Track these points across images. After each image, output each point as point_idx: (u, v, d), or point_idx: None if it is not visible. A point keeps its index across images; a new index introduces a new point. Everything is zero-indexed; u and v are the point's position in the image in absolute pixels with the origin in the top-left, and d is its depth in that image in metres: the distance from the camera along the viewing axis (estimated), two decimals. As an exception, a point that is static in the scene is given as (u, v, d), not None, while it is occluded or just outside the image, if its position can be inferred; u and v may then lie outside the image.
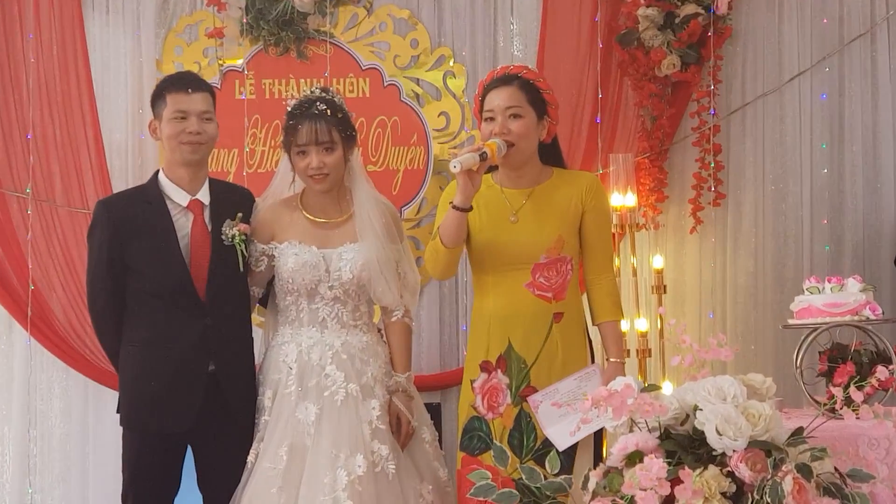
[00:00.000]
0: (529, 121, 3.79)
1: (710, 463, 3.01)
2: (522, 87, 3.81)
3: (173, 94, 3.91)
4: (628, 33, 5.13)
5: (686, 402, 3.12)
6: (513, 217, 3.83)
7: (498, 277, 3.84)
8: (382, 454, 3.79)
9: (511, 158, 3.79)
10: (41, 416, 5.16)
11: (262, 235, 3.98)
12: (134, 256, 3.87)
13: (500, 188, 3.87)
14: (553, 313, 3.81)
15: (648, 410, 3.00)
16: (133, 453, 3.92)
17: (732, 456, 2.98)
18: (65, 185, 5.14)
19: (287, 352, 3.91)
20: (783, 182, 5.24)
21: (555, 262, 3.81)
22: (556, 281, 3.81)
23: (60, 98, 5.14)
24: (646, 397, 3.02)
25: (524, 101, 3.79)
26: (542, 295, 3.81)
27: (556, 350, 3.80)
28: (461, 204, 3.70)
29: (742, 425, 2.99)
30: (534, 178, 3.87)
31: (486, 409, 3.82)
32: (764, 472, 2.95)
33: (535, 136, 3.83)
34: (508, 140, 3.75)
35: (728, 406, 3.04)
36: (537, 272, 3.81)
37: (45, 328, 5.10)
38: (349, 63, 5.25)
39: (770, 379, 3.20)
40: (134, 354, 3.90)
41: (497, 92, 3.82)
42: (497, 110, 3.79)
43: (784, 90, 5.25)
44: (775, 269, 5.22)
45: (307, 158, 3.89)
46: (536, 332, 3.80)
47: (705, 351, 3.16)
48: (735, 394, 3.08)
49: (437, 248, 3.79)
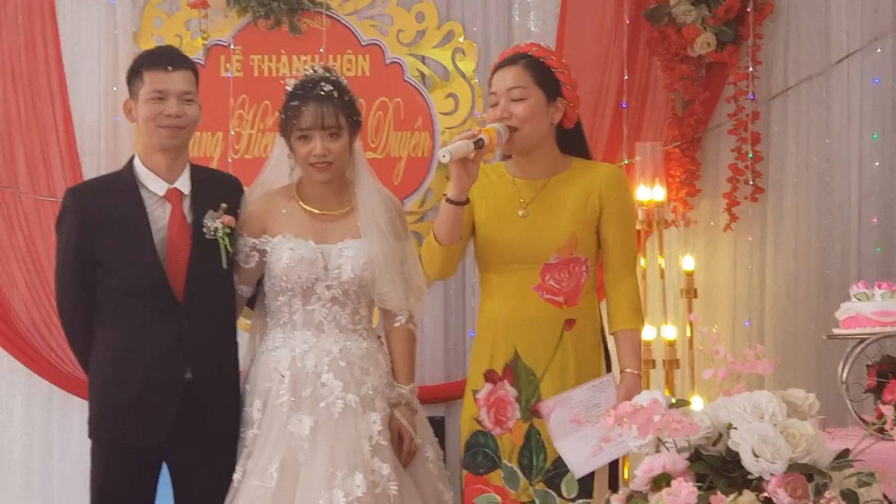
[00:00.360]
0: (535, 102, 3.75)
1: (744, 487, 2.99)
2: (529, 66, 3.77)
3: (151, 71, 3.88)
4: (658, 8, 5.13)
5: (719, 419, 3.10)
6: (522, 211, 3.80)
7: (503, 278, 3.81)
8: (383, 473, 3.76)
9: (515, 144, 3.76)
10: (0, 426, 5.15)
11: (252, 228, 3.96)
12: (104, 251, 3.85)
13: (513, 179, 3.85)
14: (564, 320, 3.77)
15: (677, 429, 2.98)
16: (101, 469, 3.90)
17: (770, 480, 2.95)
18: (30, 170, 5.13)
19: (279, 358, 3.88)
20: (829, 176, 5.24)
21: (566, 263, 3.77)
22: (569, 284, 3.77)
23: (26, 74, 5.13)
24: (675, 414, 3.00)
25: (530, 81, 3.76)
26: (553, 299, 3.77)
27: (568, 362, 3.75)
28: (455, 197, 3.67)
29: (781, 446, 2.97)
30: (548, 169, 3.84)
31: (492, 423, 3.79)
32: (805, 499, 2.93)
33: (545, 120, 3.78)
34: (510, 125, 3.73)
35: (766, 425, 3.01)
36: (547, 274, 3.77)
37: (5, 329, 5.09)
38: (347, 38, 5.24)
39: (812, 395, 3.18)
40: (104, 359, 3.88)
41: (502, 72, 3.80)
42: (500, 92, 3.76)
43: (831, 73, 5.24)
44: (819, 273, 5.21)
45: (310, 144, 3.87)
46: (545, 340, 3.76)
47: (741, 363, 3.14)
48: (773, 411, 3.05)
49: (431, 245, 3.77)
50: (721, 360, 3.15)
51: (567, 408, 3.72)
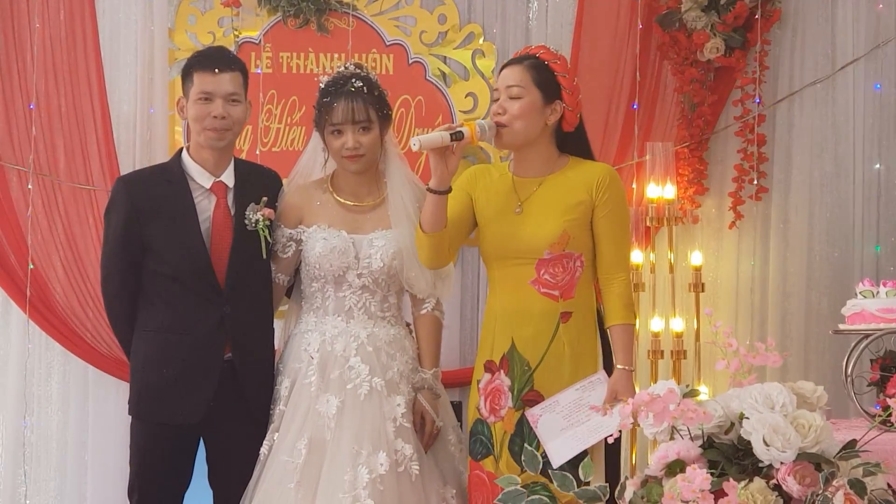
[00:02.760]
0: (530, 102, 3.72)
1: (755, 475, 2.99)
2: (532, 67, 3.75)
3: (199, 73, 3.88)
4: (670, 14, 5.12)
5: (731, 409, 3.10)
6: (517, 209, 3.79)
7: (503, 272, 3.80)
8: (406, 453, 3.78)
9: (503, 140, 3.75)
10: (38, 402, 5.16)
11: (289, 219, 3.98)
12: (152, 237, 3.86)
13: (512, 177, 3.84)
14: (560, 313, 3.74)
15: (692, 418, 2.98)
16: (141, 444, 3.92)
17: (780, 468, 2.95)
18: (69, 159, 5.13)
19: (310, 340, 3.91)
20: (831, 177, 5.22)
21: (560, 259, 3.74)
22: (564, 278, 3.75)
23: (66, 67, 5.13)
24: (690, 403, 3.00)
25: (529, 81, 3.73)
26: (549, 293, 3.75)
27: (563, 353, 3.73)
28: (436, 186, 3.67)
29: (791, 436, 2.97)
30: (545, 167, 3.82)
31: (488, 411, 3.79)
32: (813, 487, 2.93)
33: (537, 120, 3.75)
34: (500, 121, 3.72)
35: (776, 415, 3.01)
36: (542, 268, 3.75)
37: (44, 310, 5.09)
38: (372, 38, 5.23)
39: (821, 388, 3.19)
40: (147, 340, 3.90)
41: (506, 70, 3.80)
42: (500, 88, 3.77)
43: (835, 79, 5.23)
44: (820, 270, 5.20)
45: (342, 138, 3.89)
46: (542, 332, 3.74)
47: (753, 356, 3.14)
48: (784, 402, 3.06)
49: (417, 233, 3.78)
50: (734, 353, 3.15)
51: (555, 412, 3.70)
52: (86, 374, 5.15)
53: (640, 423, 3.12)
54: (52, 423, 5.16)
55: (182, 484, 3.97)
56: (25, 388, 5.12)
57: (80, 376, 5.16)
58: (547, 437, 3.68)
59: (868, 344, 4.12)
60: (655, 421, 3.07)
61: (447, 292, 4.06)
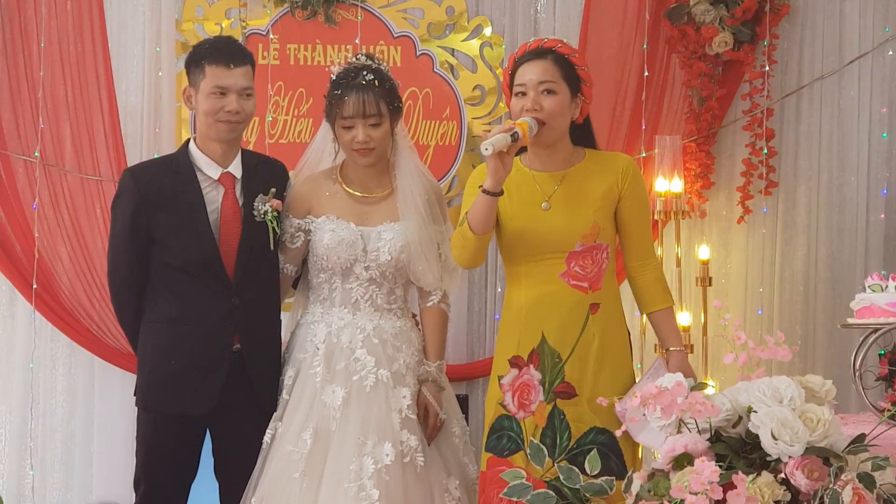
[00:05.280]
0: (563, 98, 3.73)
1: (763, 468, 2.98)
2: (557, 61, 3.74)
3: (213, 66, 3.84)
4: (678, 7, 5.10)
5: (739, 402, 3.09)
6: (545, 204, 3.77)
7: (530, 267, 3.78)
8: (411, 445, 3.77)
9: (542, 137, 3.73)
10: (43, 393, 5.14)
11: (298, 209, 3.96)
12: (160, 228, 3.84)
13: (531, 172, 3.82)
14: (589, 304, 3.75)
15: (700, 411, 2.97)
16: (148, 435, 3.91)
17: (788, 462, 2.94)
18: (76, 149, 5.11)
19: (315, 331, 3.90)
20: (839, 172, 5.21)
21: (590, 251, 3.75)
22: (592, 270, 3.75)
23: (73, 57, 5.11)
24: (698, 396, 2.99)
25: (558, 76, 3.73)
26: (578, 285, 3.75)
27: (592, 344, 3.73)
28: (492, 188, 3.62)
29: (799, 430, 2.96)
30: (565, 161, 3.81)
31: (516, 407, 3.76)
32: (821, 481, 2.92)
33: (569, 114, 3.77)
34: (539, 118, 3.69)
35: (784, 409, 3.00)
36: (572, 261, 3.75)
37: (49, 300, 5.07)
38: (380, 30, 5.21)
39: (829, 382, 3.18)
40: (154, 332, 3.89)
41: (530, 65, 3.75)
42: (529, 85, 3.73)
43: (844, 73, 5.21)
44: (827, 264, 5.19)
45: (353, 131, 3.86)
46: (572, 324, 3.74)
47: (761, 349, 3.12)
48: (792, 396, 3.05)
49: (465, 235, 3.73)
50: (742, 346, 3.13)
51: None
52: (92, 366, 5.13)
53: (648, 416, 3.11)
54: (57, 414, 5.14)
55: (188, 475, 3.95)
56: (31, 379, 5.10)
57: (86, 367, 5.14)
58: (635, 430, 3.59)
59: (877, 338, 4.10)
60: (664, 414, 3.06)
61: (454, 286, 4.06)
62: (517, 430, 3.75)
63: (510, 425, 3.76)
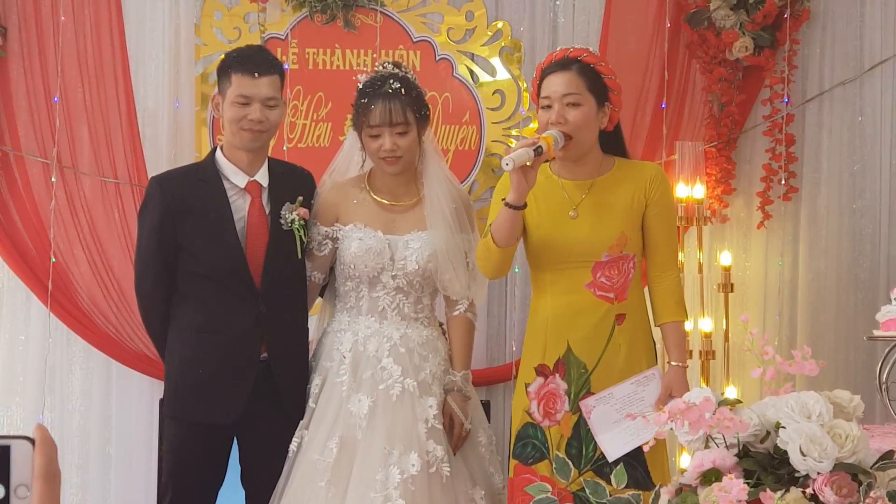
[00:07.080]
0: (588, 109, 3.70)
1: (791, 485, 2.96)
2: (581, 72, 3.71)
3: (239, 75, 3.84)
4: (698, 12, 5.08)
5: (767, 418, 3.07)
6: (572, 212, 3.76)
7: (556, 276, 3.77)
8: (437, 455, 3.76)
9: (570, 151, 3.70)
10: (60, 396, 5.13)
11: (326, 217, 3.96)
12: (188, 236, 3.84)
13: (559, 179, 3.80)
14: (615, 315, 3.74)
15: (729, 426, 2.94)
16: (176, 444, 3.92)
17: (816, 479, 2.92)
18: (93, 152, 5.10)
19: (342, 340, 3.90)
20: (860, 178, 5.20)
21: (616, 261, 3.73)
22: (618, 280, 3.74)
23: (92, 61, 5.09)
24: (726, 412, 2.96)
25: (583, 87, 3.70)
26: (604, 296, 3.74)
27: (619, 355, 3.72)
28: (514, 202, 3.61)
29: (828, 446, 2.93)
30: (594, 169, 3.80)
31: (541, 415, 3.75)
32: (850, 498, 2.89)
33: (596, 126, 3.74)
34: (565, 131, 3.67)
35: (813, 425, 2.98)
36: (598, 271, 3.73)
37: (67, 304, 5.06)
38: (399, 35, 5.20)
39: (857, 397, 3.14)
40: (182, 340, 3.88)
41: (554, 77, 3.72)
42: (554, 97, 3.70)
43: (865, 79, 5.20)
44: (849, 271, 5.18)
45: (380, 140, 3.86)
46: (597, 335, 3.73)
47: (788, 364, 3.10)
48: (820, 411, 3.02)
49: (489, 247, 3.71)
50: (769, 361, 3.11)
51: (609, 404, 3.69)
52: (108, 369, 5.12)
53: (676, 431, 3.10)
54: (74, 417, 5.13)
55: (215, 483, 3.95)
56: (46, 382, 5.09)
57: (103, 371, 5.12)
58: (599, 429, 3.65)
59: (904, 351, 4.09)
60: (691, 430, 3.04)
61: (481, 294, 4.05)
62: (542, 438, 3.74)
63: (535, 434, 3.76)
